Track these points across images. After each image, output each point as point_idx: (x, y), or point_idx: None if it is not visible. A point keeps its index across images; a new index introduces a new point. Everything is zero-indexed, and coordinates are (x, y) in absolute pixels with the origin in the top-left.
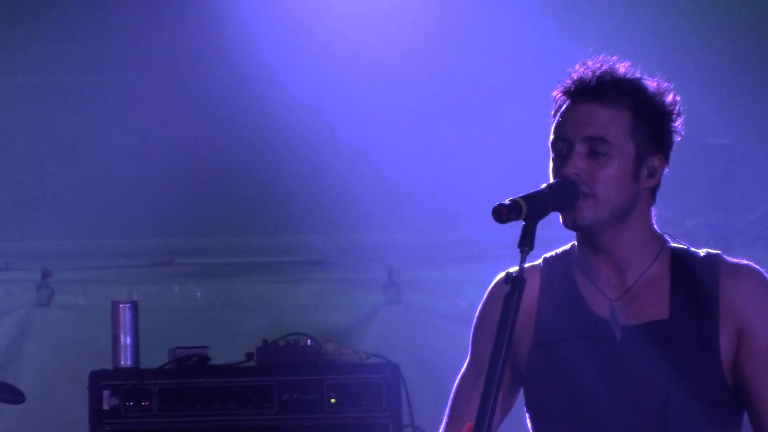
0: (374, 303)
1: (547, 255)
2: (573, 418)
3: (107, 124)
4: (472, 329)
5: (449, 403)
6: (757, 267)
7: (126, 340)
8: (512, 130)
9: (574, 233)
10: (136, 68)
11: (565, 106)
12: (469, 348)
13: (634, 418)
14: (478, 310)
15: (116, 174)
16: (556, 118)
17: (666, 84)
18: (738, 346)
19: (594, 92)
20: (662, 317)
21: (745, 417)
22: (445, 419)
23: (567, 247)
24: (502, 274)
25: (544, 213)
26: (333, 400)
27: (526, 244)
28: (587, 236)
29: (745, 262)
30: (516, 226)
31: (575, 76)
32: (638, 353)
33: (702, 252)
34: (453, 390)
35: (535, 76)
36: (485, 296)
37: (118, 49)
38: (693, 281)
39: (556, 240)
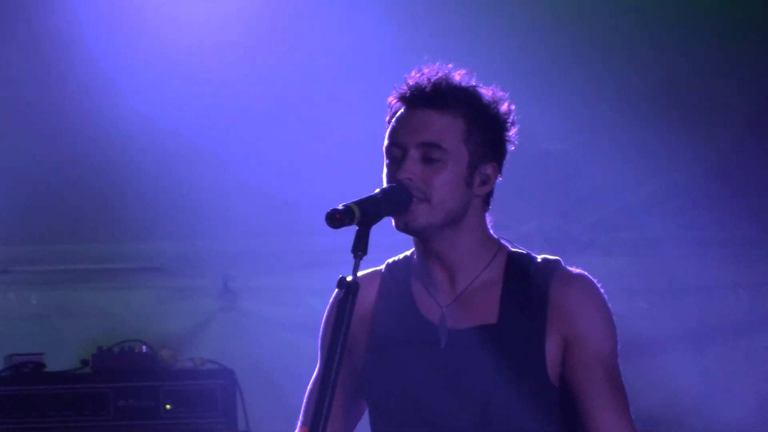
0: (210, 310)
1: (391, 260)
2: (405, 420)
3: None
4: (319, 336)
5: (302, 409)
6: (591, 277)
7: None
8: (349, 134)
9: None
10: None
11: (400, 112)
12: (318, 354)
13: (458, 419)
14: (324, 315)
15: None
16: (391, 123)
17: (501, 93)
18: (564, 353)
19: (429, 99)
20: (490, 322)
21: None
22: (298, 425)
23: (408, 253)
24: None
25: (377, 218)
26: (168, 407)
27: (360, 249)
28: (421, 241)
29: (579, 271)
30: (352, 232)
31: (411, 82)
32: (462, 357)
33: (540, 258)
34: (305, 396)
35: (374, 80)
36: (329, 303)
37: None
38: (526, 286)
39: (396, 245)
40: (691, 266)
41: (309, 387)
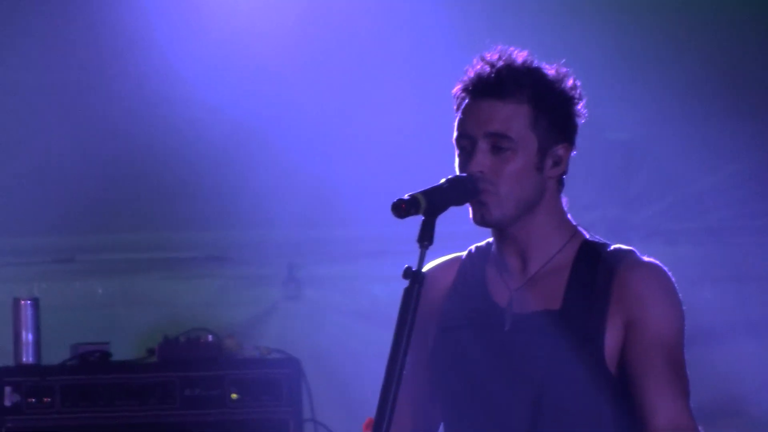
0: (274, 299)
1: (474, 246)
2: (463, 402)
3: (7, 121)
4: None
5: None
6: (662, 266)
7: (27, 336)
8: (414, 125)
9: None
10: (37, 66)
11: (465, 103)
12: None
13: (514, 404)
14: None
15: (15, 171)
16: (458, 114)
17: (565, 69)
18: (624, 338)
19: (493, 88)
20: (554, 307)
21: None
22: None
23: (491, 239)
24: (430, 263)
25: (443, 208)
26: (234, 396)
27: (426, 239)
28: (496, 229)
29: (651, 259)
30: (419, 221)
31: (473, 72)
32: (523, 342)
33: (613, 246)
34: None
35: (436, 71)
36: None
37: (21, 47)
38: (593, 272)
39: (470, 235)
40: (755, 255)
41: None
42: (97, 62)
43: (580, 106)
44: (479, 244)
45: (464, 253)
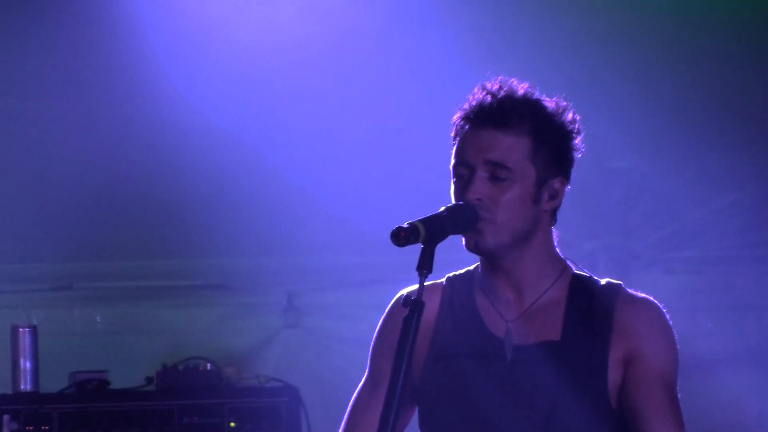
0: (274, 327)
1: (451, 274)
2: (464, 431)
3: (6, 148)
4: (371, 345)
5: (346, 415)
6: (656, 301)
7: (26, 364)
8: (413, 152)
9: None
10: (36, 93)
11: (465, 131)
12: (368, 363)
13: None
14: (378, 326)
15: (15, 197)
16: (457, 142)
17: (565, 103)
18: (625, 372)
19: (494, 118)
20: (554, 338)
21: None
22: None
23: (471, 267)
24: (402, 291)
25: (442, 236)
26: (233, 424)
27: (425, 267)
28: (488, 258)
29: (644, 295)
30: (415, 250)
31: (475, 101)
32: (527, 372)
33: (603, 281)
34: (350, 403)
35: (435, 99)
36: (385, 313)
37: (19, 76)
38: (590, 307)
39: (460, 263)
40: (754, 284)
41: (355, 394)
42: (97, 89)
43: (578, 141)
44: (458, 272)
45: (443, 281)
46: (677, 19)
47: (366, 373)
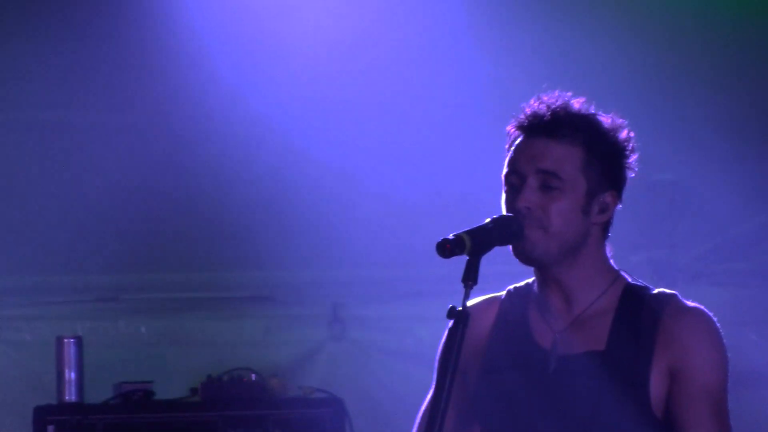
0: (319, 339)
1: (512, 287)
2: None
3: (52, 160)
4: (436, 360)
5: (414, 429)
6: (707, 311)
7: (71, 375)
8: (457, 164)
9: (530, 269)
10: (82, 106)
11: (519, 140)
12: (433, 378)
13: None
14: (441, 342)
15: (60, 210)
16: (510, 151)
17: (620, 120)
18: (670, 384)
19: (548, 127)
20: (598, 348)
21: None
22: None
23: (530, 280)
24: (476, 299)
25: (488, 248)
26: None
27: (470, 279)
28: (539, 269)
29: (695, 304)
30: (462, 261)
31: (529, 111)
32: (569, 382)
33: (657, 290)
34: (417, 417)
35: (486, 112)
36: (447, 327)
37: (68, 87)
38: (638, 316)
39: (508, 275)
40: None
41: (420, 412)
42: (143, 102)
43: (632, 160)
44: (518, 285)
45: (503, 293)
46: (724, 32)
47: (431, 388)
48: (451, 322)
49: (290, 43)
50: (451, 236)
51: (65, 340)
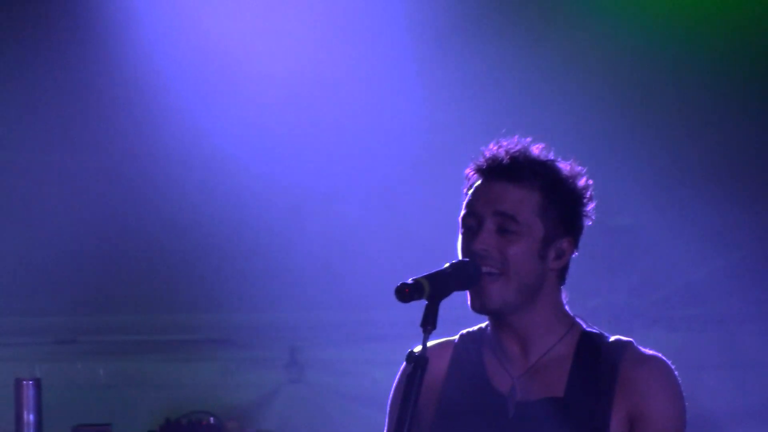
0: (277, 381)
1: (465, 331)
2: None
3: (13, 201)
4: (388, 404)
5: None
6: (664, 359)
7: (29, 417)
8: (416, 209)
9: None
10: (40, 147)
11: (477, 183)
12: (386, 423)
13: None
14: (393, 384)
15: (19, 251)
16: (468, 194)
17: (579, 168)
18: (630, 430)
19: (506, 171)
20: (558, 395)
21: None
22: None
23: (483, 324)
24: (416, 348)
25: (446, 292)
26: None
27: (429, 323)
28: (495, 316)
29: (653, 352)
30: (421, 306)
31: (488, 154)
32: (529, 429)
33: (613, 338)
34: None
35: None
36: (399, 371)
37: (23, 127)
38: (596, 362)
39: (466, 319)
40: (759, 342)
41: None
42: (102, 144)
43: (589, 207)
44: (471, 329)
45: (455, 338)
46: (680, 78)
47: (385, 431)
48: (403, 365)
49: (263, 91)
50: (410, 281)
51: (23, 382)
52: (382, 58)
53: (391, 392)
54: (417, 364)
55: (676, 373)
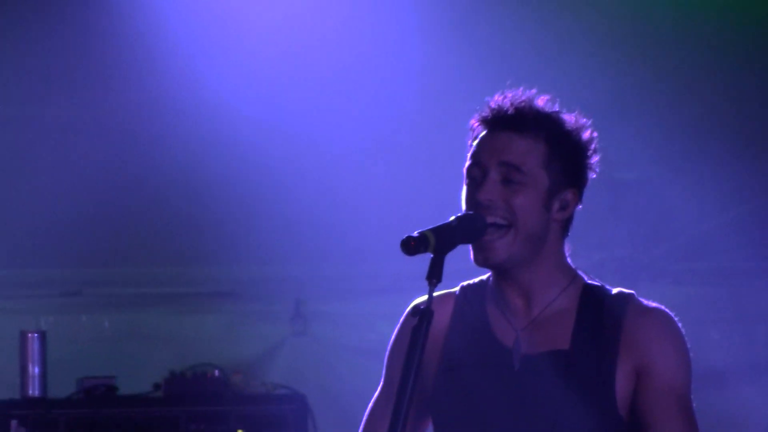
0: (281, 335)
1: (465, 283)
2: None
3: (15, 155)
4: (386, 355)
5: (361, 426)
6: (667, 311)
7: (34, 369)
8: (421, 162)
9: None
10: (47, 103)
11: (482, 134)
12: (383, 374)
13: None
14: (392, 336)
15: (24, 204)
16: (473, 145)
17: (584, 120)
18: (636, 384)
19: (512, 122)
20: (563, 347)
21: None
22: None
23: (484, 277)
24: (416, 301)
25: (452, 245)
26: (240, 431)
27: (434, 276)
28: (498, 270)
29: (655, 304)
30: (425, 259)
31: (494, 105)
32: (535, 382)
33: (615, 290)
34: (366, 414)
35: (447, 110)
36: (399, 323)
37: (35, 83)
38: (599, 316)
39: (473, 273)
40: (763, 296)
41: (370, 405)
42: (107, 95)
43: (594, 160)
44: (471, 282)
45: (456, 290)
46: (685, 29)
47: (381, 384)
48: (403, 317)
49: (263, 41)
50: (415, 234)
51: (29, 335)
52: (382, 4)
53: (390, 343)
54: (423, 317)
55: (679, 324)
